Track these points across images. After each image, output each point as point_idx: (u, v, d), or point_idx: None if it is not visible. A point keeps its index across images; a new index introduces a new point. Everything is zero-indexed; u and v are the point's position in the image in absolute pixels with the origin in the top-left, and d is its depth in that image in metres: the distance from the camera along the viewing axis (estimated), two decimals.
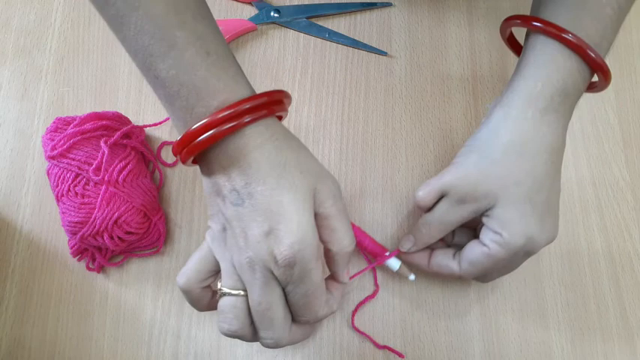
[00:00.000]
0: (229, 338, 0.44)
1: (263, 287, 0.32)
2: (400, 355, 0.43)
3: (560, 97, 0.36)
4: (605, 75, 0.38)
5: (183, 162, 0.33)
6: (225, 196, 0.33)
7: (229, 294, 0.34)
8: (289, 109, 0.37)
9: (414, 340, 0.44)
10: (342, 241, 0.35)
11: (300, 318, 0.35)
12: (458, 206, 0.38)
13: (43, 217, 0.47)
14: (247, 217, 0.32)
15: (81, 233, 0.42)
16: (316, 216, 0.33)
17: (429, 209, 0.40)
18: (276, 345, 0.34)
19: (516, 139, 0.36)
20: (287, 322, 0.34)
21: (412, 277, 0.43)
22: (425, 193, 0.39)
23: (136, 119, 0.49)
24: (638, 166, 0.49)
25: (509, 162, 0.36)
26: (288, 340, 0.35)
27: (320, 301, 0.34)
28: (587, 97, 0.51)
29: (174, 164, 0.48)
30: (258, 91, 0.33)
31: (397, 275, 0.45)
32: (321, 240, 0.34)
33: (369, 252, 0.44)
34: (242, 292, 0.33)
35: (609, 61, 0.53)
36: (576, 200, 0.48)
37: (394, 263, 0.43)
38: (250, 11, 0.53)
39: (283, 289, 0.33)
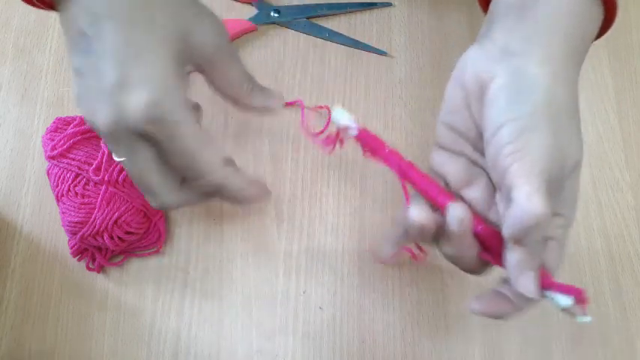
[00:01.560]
0: (229, 338, 0.44)
1: (129, 153, 0.28)
2: None
3: (585, 51, 0.31)
4: (612, 12, 0.31)
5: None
6: (76, 44, 0.27)
7: (119, 160, 0.30)
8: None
9: (414, 340, 0.44)
10: (235, 83, 0.31)
11: (191, 182, 0.30)
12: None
13: (43, 217, 0.47)
14: (97, 66, 0.26)
15: (81, 233, 0.42)
16: (201, 64, 0.30)
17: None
18: (162, 208, 0.31)
19: (573, 105, 0.30)
20: (167, 185, 0.30)
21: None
22: (539, 197, 0.26)
23: None
24: (638, 166, 0.49)
25: (574, 130, 0.29)
26: (177, 203, 0.31)
27: (205, 159, 0.29)
28: (588, 98, 0.51)
29: None
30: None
31: (397, 274, 0.45)
32: (217, 89, 0.31)
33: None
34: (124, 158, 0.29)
35: (609, 61, 0.53)
36: None
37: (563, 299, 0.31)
38: (250, 11, 0.53)
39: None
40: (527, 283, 0.29)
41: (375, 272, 0.45)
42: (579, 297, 0.30)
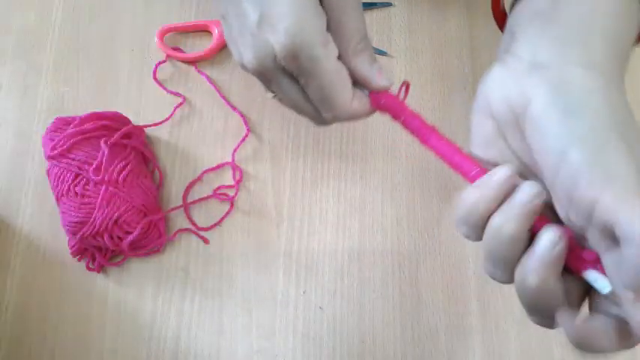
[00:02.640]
0: (229, 338, 0.44)
1: (278, 88, 0.30)
2: None
3: (627, 56, 0.27)
4: None
5: None
6: None
7: (270, 97, 0.33)
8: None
9: (414, 340, 0.44)
10: (346, 35, 0.29)
11: (325, 115, 0.30)
12: None
13: (43, 217, 0.47)
14: (240, 8, 0.28)
15: (81, 233, 0.42)
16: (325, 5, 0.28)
17: None
18: (330, 122, 0.32)
19: (630, 114, 0.25)
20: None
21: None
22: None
23: (136, 119, 0.49)
24: None
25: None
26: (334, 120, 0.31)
27: (340, 94, 0.29)
28: None
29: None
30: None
31: (397, 274, 0.45)
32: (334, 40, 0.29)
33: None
34: (273, 94, 0.32)
35: None
36: None
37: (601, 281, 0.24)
38: None
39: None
40: None
41: (375, 272, 0.45)
42: None
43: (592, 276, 0.24)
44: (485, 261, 0.26)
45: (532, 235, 0.25)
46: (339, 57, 0.29)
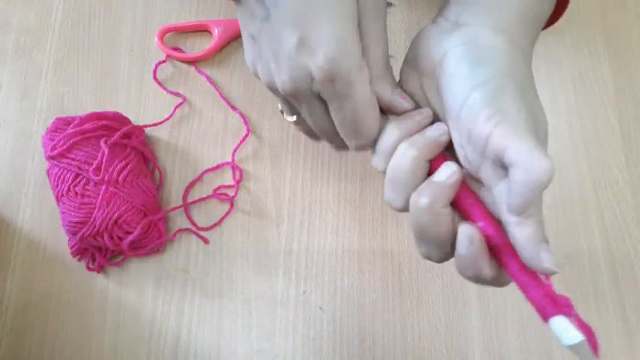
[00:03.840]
0: (229, 338, 0.44)
1: (308, 111, 0.30)
2: None
3: (538, 28, 0.31)
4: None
5: None
6: (252, 12, 0.29)
7: (290, 120, 0.34)
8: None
9: (414, 340, 0.44)
10: (376, 62, 0.29)
11: (352, 141, 0.31)
12: None
13: (43, 217, 0.47)
14: (275, 31, 0.28)
15: (81, 233, 0.42)
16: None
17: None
18: (362, 149, 0.32)
19: (531, 77, 0.29)
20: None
21: None
22: (540, 152, 0.24)
23: (136, 119, 0.49)
24: (638, 166, 0.49)
25: (537, 99, 0.29)
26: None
27: (370, 120, 0.29)
28: (588, 97, 0.51)
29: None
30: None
31: (397, 274, 0.45)
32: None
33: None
34: (296, 117, 0.33)
35: (609, 61, 0.53)
36: (576, 200, 0.48)
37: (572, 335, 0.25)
38: None
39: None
40: (549, 257, 0.25)
41: (375, 272, 0.45)
42: (591, 337, 0.25)
43: (563, 323, 0.25)
44: (386, 187, 0.29)
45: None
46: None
